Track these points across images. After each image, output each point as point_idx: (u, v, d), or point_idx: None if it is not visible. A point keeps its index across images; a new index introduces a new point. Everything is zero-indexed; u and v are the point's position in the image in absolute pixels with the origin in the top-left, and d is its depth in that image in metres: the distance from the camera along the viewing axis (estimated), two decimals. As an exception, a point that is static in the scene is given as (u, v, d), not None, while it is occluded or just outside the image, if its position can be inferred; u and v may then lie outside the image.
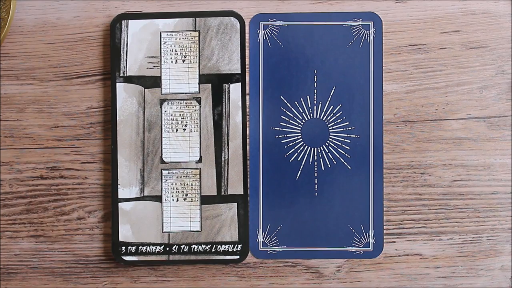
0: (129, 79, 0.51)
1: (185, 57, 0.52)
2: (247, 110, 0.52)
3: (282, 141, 0.52)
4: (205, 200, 0.51)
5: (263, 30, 0.52)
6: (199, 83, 0.51)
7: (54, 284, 0.53)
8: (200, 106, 0.51)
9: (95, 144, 0.52)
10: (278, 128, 0.52)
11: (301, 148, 0.52)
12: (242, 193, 0.51)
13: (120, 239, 0.51)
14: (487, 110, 0.52)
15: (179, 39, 0.52)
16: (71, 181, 0.52)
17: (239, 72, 0.51)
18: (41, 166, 0.53)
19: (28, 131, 0.53)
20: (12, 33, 0.53)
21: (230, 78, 0.51)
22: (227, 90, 0.51)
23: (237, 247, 0.51)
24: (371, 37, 0.52)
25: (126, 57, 0.51)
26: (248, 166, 0.51)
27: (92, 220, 0.52)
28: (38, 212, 0.52)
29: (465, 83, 0.52)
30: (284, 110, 0.52)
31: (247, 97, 0.52)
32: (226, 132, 0.51)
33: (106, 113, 0.52)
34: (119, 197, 0.51)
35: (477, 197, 0.52)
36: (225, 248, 0.51)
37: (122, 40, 0.51)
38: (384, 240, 0.52)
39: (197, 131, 0.51)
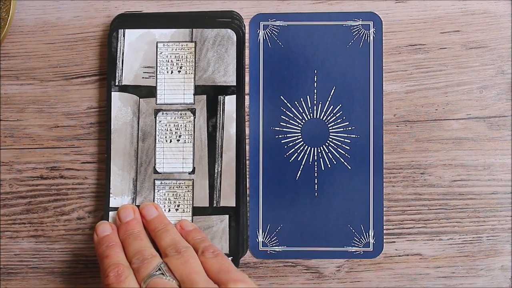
0: (124, 88, 0.51)
1: (181, 67, 0.51)
2: (247, 110, 0.52)
3: (282, 141, 0.52)
4: (197, 211, 0.51)
5: (263, 30, 0.52)
6: (194, 94, 0.51)
7: (54, 284, 0.53)
8: (195, 117, 0.51)
9: (95, 144, 0.52)
10: (278, 128, 0.52)
11: (301, 148, 0.52)
12: (234, 205, 0.51)
13: None
14: (487, 110, 0.52)
15: (176, 49, 0.51)
16: (71, 181, 0.52)
17: (235, 84, 0.51)
18: (41, 166, 0.53)
19: (28, 131, 0.53)
20: (12, 33, 0.53)
21: (225, 90, 0.51)
22: (222, 102, 0.51)
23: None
24: (371, 37, 0.52)
25: (122, 66, 0.51)
26: (241, 179, 0.51)
27: (92, 220, 0.52)
28: (38, 212, 0.52)
29: (465, 83, 0.52)
30: (284, 110, 0.52)
31: (247, 97, 0.52)
32: (219, 144, 0.51)
33: (106, 113, 0.52)
34: (110, 206, 0.51)
35: (477, 197, 0.52)
36: None
37: (119, 49, 0.51)
38: (384, 240, 0.52)
39: (191, 142, 0.51)
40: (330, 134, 0.52)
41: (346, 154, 0.52)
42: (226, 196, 0.51)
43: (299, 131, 0.52)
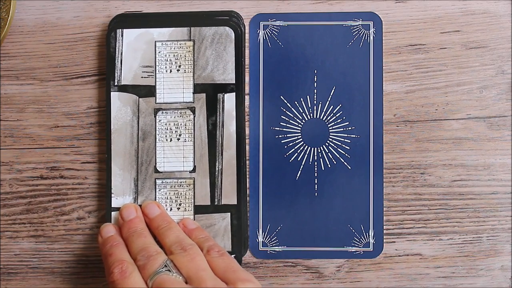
0: (123, 88, 0.51)
1: (179, 66, 0.51)
2: (247, 110, 0.52)
3: (282, 141, 0.52)
4: (199, 209, 0.51)
5: (263, 30, 0.52)
6: (193, 93, 0.51)
7: (54, 284, 0.53)
8: (194, 116, 0.51)
9: (95, 144, 0.52)
10: (278, 128, 0.52)
11: (301, 148, 0.52)
12: (236, 203, 0.51)
13: None
14: (487, 110, 0.52)
15: (174, 48, 0.51)
16: (71, 181, 0.52)
17: (234, 82, 0.51)
18: (41, 166, 0.53)
19: (28, 131, 0.53)
20: (12, 33, 0.53)
21: (225, 88, 0.51)
22: (221, 100, 0.51)
23: None
24: (371, 37, 0.52)
25: (121, 66, 0.51)
26: (242, 177, 0.51)
27: (92, 220, 0.52)
28: (38, 212, 0.52)
29: (465, 83, 0.52)
30: (284, 110, 0.52)
31: (247, 97, 0.52)
32: (220, 142, 0.51)
33: (106, 113, 0.52)
34: (112, 206, 0.51)
35: (477, 197, 0.52)
36: None
37: (117, 49, 0.51)
38: (384, 240, 0.52)
39: (191, 140, 0.51)
40: (330, 134, 0.52)
41: (346, 154, 0.52)
42: (227, 194, 0.51)
43: (299, 131, 0.52)
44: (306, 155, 0.52)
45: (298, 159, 0.52)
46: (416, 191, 0.52)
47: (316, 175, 0.52)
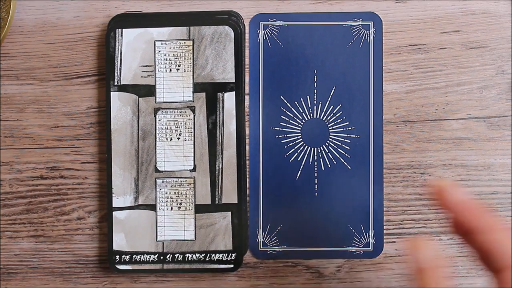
0: (123, 88, 0.51)
1: (179, 66, 0.51)
2: (247, 110, 0.52)
3: (282, 141, 0.52)
4: (199, 209, 0.51)
5: (263, 30, 0.52)
6: (193, 92, 0.51)
7: (54, 284, 0.53)
8: (194, 115, 0.51)
9: (95, 144, 0.52)
10: (278, 128, 0.52)
11: (301, 148, 0.52)
12: (236, 202, 0.51)
13: (114, 248, 0.51)
14: (487, 110, 0.52)
15: (173, 48, 0.51)
16: (71, 181, 0.52)
17: (233, 81, 0.51)
18: (41, 166, 0.53)
19: (28, 131, 0.53)
20: (12, 33, 0.53)
21: (224, 87, 0.51)
22: (221, 99, 0.51)
23: (231, 256, 0.51)
24: (371, 37, 0.52)
25: (121, 66, 0.51)
26: (242, 176, 0.51)
27: (92, 220, 0.52)
28: (38, 212, 0.52)
29: (465, 83, 0.52)
30: (284, 110, 0.52)
31: (247, 97, 0.52)
32: (220, 141, 0.51)
33: (106, 113, 0.52)
34: (113, 205, 0.51)
35: (477, 197, 0.52)
36: (219, 257, 0.51)
37: (117, 49, 0.51)
38: (384, 240, 0.52)
39: (191, 140, 0.51)
40: (330, 134, 0.52)
41: (346, 154, 0.52)
42: (228, 193, 0.51)
43: (299, 131, 0.52)
44: (306, 155, 0.52)
45: (298, 159, 0.52)
46: (416, 191, 0.52)
47: (316, 175, 0.52)
